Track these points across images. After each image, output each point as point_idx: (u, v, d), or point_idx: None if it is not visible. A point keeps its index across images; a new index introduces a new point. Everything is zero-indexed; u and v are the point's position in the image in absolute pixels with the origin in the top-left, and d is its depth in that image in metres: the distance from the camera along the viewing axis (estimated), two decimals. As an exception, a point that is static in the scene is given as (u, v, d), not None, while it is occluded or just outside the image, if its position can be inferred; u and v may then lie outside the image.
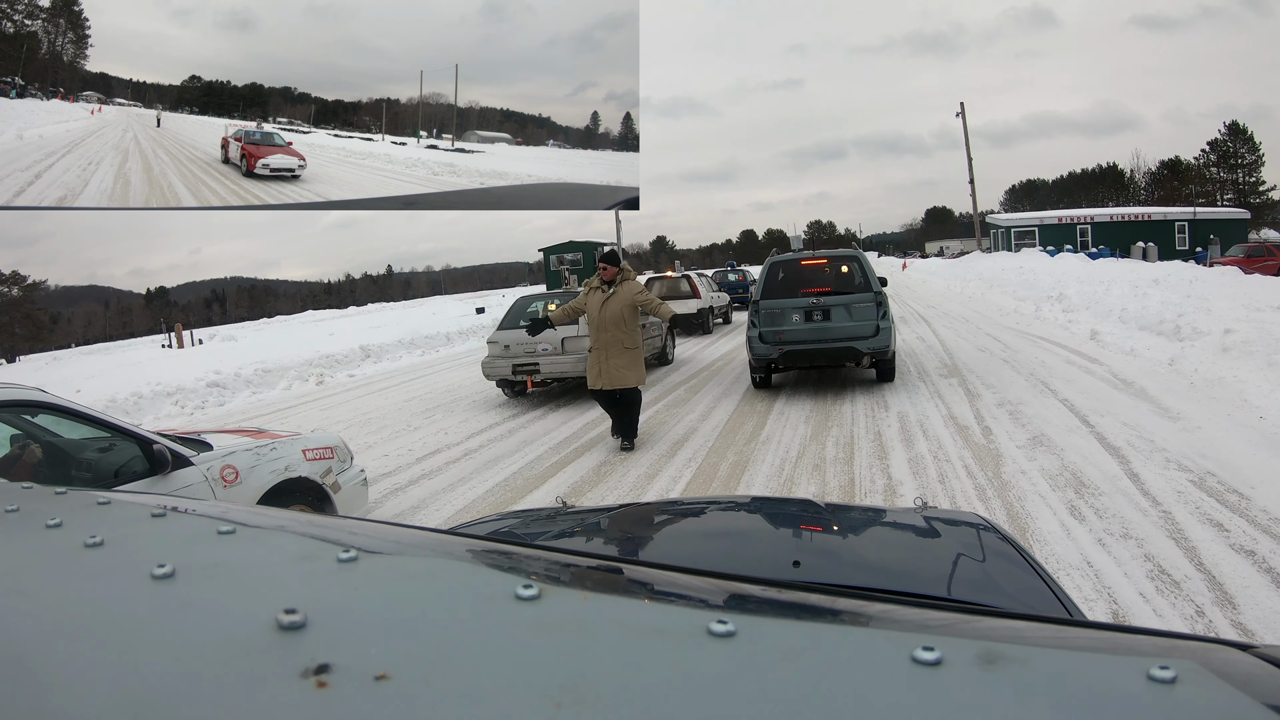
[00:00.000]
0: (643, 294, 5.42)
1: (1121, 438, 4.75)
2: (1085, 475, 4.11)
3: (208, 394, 10.13)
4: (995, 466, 4.43)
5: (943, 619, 0.53)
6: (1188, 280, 11.11)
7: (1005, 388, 6.68)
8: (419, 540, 0.66)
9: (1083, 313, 10.98)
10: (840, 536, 1.44)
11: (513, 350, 7.81)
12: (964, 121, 34.84)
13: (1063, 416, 5.44)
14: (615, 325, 5.33)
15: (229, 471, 3.12)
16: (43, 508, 0.59)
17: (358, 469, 3.91)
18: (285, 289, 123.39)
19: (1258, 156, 56.85)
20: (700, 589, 0.57)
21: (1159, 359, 7.14)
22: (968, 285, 20.68)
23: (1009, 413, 5.72)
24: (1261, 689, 0.38)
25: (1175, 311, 8.48)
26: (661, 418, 6.78)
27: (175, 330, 21.49)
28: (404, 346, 14.84)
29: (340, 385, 11.24)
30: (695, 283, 14.72)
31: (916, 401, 6.47)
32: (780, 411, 6.56)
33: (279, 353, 13.07)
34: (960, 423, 5.57)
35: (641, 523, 1.54)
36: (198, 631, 0.36)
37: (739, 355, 10.12)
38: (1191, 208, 35.23)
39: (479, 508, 4.48)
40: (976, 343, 9.93)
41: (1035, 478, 4.16)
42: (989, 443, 4.96)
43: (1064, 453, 4.55)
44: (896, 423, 5.75)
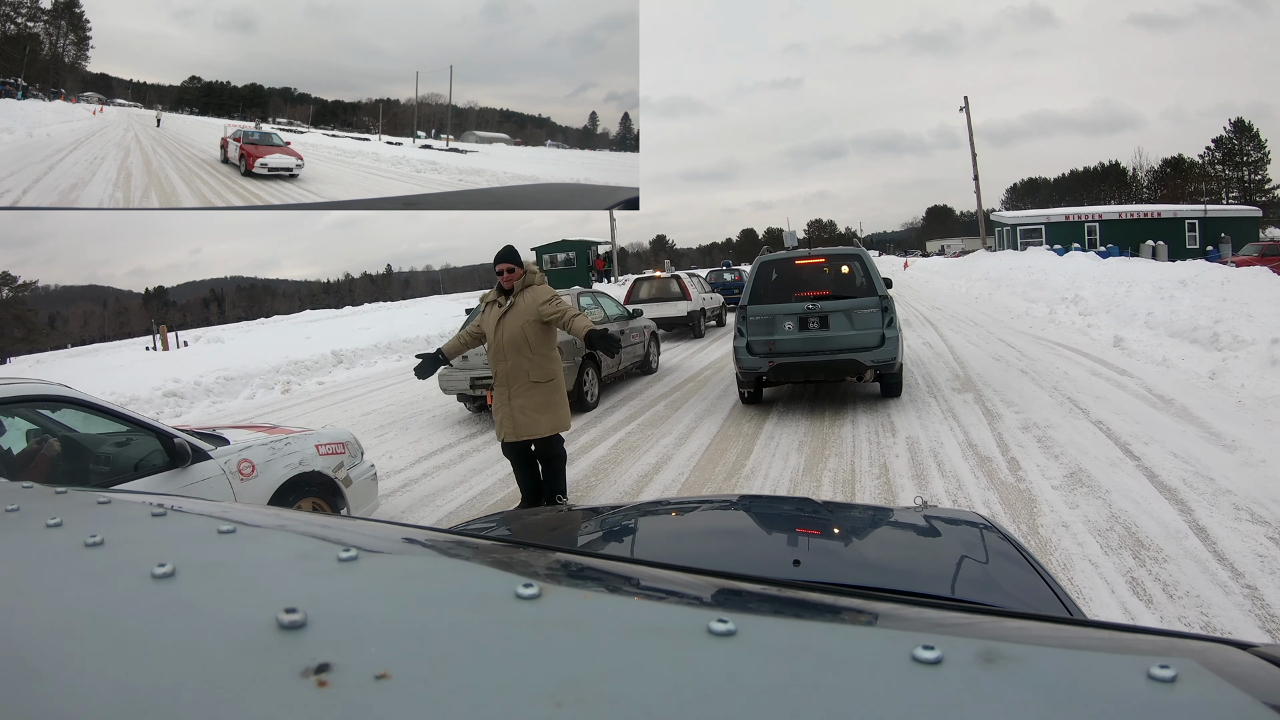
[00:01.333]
0: (550, 303, 3.85)
1: (1175, 474, 4.05)
2: (1142, 530, 3.41)
3: (164, 404, 9.53)
4: (1029, 516, 3.70)
5: (943, 618, 0.53)
6: (1219, 282, 10.34)
7: (1028, 406, 5.93)
8: (419, 540, 0.66)
9: (1102, 316, 10.27)
10: (841, 536, 1.44)
11: (470, 361, 6.97)
12: (968, 116, 34.35)
13: (1100, 445, 4.73)
14: (517, 350, 3.87)
15: (245, 465, 3.22)
16: (43, 507, 0.59)
17: (368, 464, 3.98)
18: (284, 288, 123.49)
19: (1263, 154, 56.75)
20: (700, 588, 0.57)
21: (1197, 371, 6.45)
22: (974, 285, 20.15)
23: (1036, 439, 5.00)
24: (1261, 688, 0.38)
25: (1210, 317, 7.73)
26: (632, 441, 5.96)
27: (160, 332, 20.61)
28: (379, 351, 14.09)
29: (307, 394, 10.69)
30: (685, 283, 14.17)
31: (928, 423, 5.69)
32: (770, 435, 5.79)
33: (253, 358, 12.53)
34: (981, 452, 4.83)
35: (641, 522, 1.54)
36: (198, 631, 0.36)
37: (730, 362, 9.11)
38: (1202, 205, 34.52)
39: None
40: (989, 350, 9.17)
41: (1080, 533, 3.44)
42: (1018, 481, 4.20)
43: (1110, 496, 3.84)
44: (905, 451, 5.01)
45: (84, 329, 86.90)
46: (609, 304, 8.84)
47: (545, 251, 29.78)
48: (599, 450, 5.72)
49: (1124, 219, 31.19)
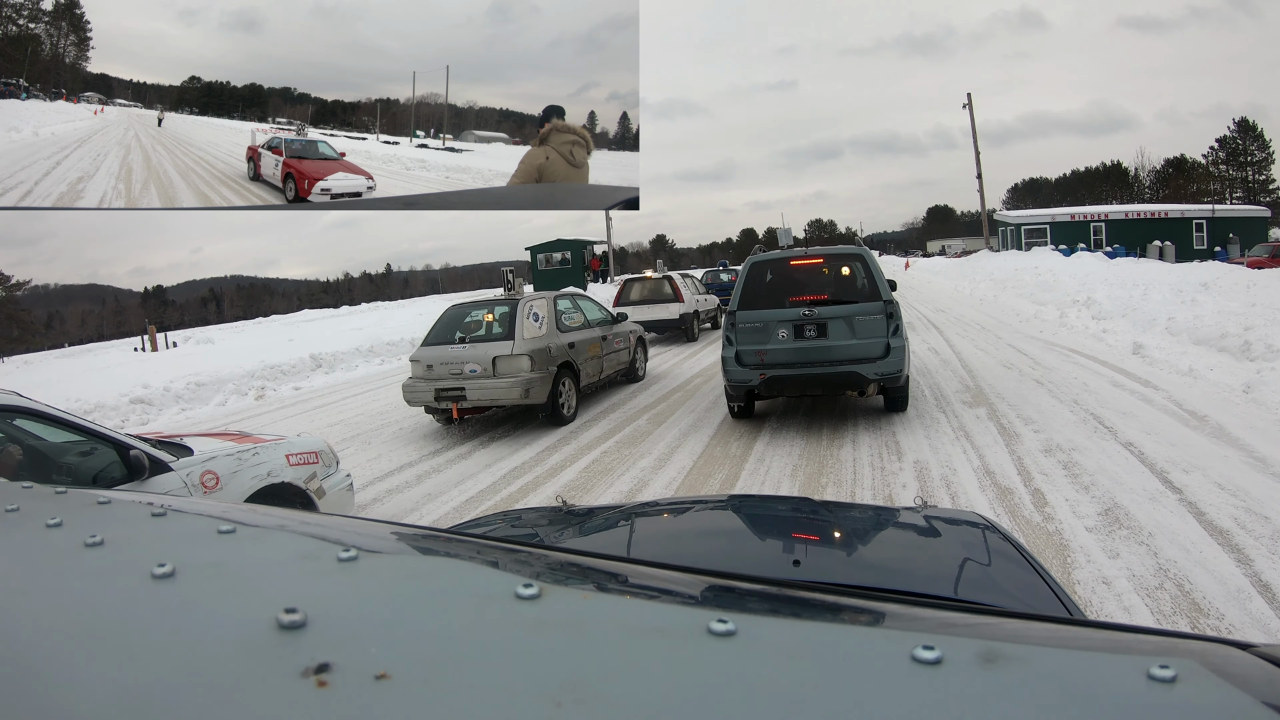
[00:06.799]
0: None
1: (1224, 512, 3.57)
2: (1196, 587, 2.91)
3: (130, 411, 9.04)
4: (1063, 569, 3.16)
5: (943, 618, 0.53)
6: (1244, 285, 9.86)
7: (1048, 423, 5.37)
8: (419, 540, 0.66)
9: (1118, 321, 9.80)
10: (841, 536, 1.44)
11: (436, 371, 6.63)
12: (971, 114, 34.02)
13: (1134, 473, 4.20)
14: None
15: (209, 477, 3.09)
16: (43, 507, 0.59)
17: (343, 474, 3.86)
18: (284, 288, 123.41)
19: (1268, 154, 56.67)
20: (700, 588, 0.57)
21: (1229, 384, 6.01)
22: (978, 286, 19.71)
23: (1061, 464, 4.46)
24: (1261, 688, 0.38)
25: (1239, 323, 7.25)
26: (607, 463, 5.43)
27: (149, 332, 19.86)
28: (361, 354, 13.56)
29: (281, 400, 10.23)
30: (678, 285, 13.66)
31: (937, 444, 5.13)
32: (760, 457, 5.25)
33: (230, 361, 12.04)
34: (1000, 481, 4.28)
35: (641, 522, 1.54)
36: (198, 631, 0.36)
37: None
38: (1209, 205, 34.14)
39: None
40: (1000, 356, 8.61)
41: (1124, 591, 2.92)
42: (1045, 520, 3.67)
43: (1154, 541, 3.33)
44: (913, 479, 4.46)
45: (81, 328, 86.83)
46: (590, 308, 8.32)
47: (540, 251, 29.58)
48: (568, 474, 5.25)
49: (1130, 219, 30.97)
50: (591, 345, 7.68)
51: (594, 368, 7.71)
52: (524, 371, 6.51)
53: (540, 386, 6.61)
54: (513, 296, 7.20)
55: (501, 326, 6.88)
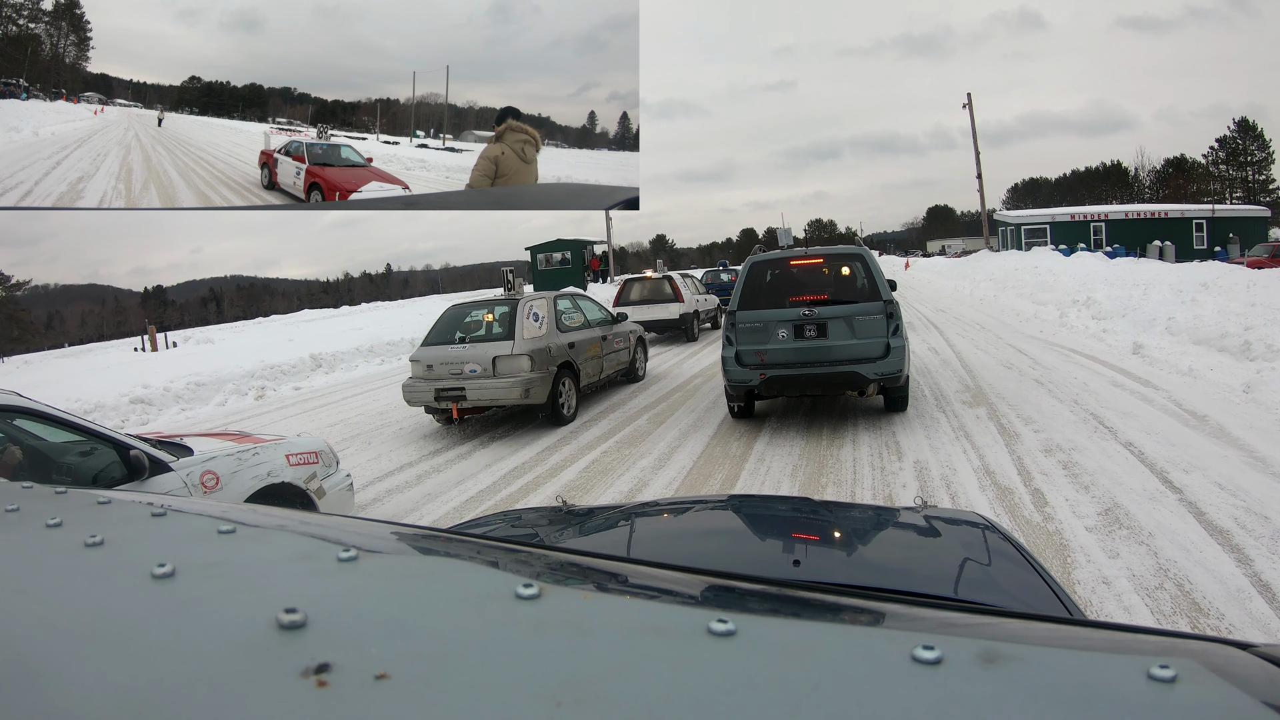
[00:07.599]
0: None
1: (1224, 512, 3.61)
2: (1196, 587, 2.94)
3: (130, 411, 9.04)
4: (1063, 569, 3.21)
5: (943, 618, 0.53)
6: (1244, 285, 9.83)
7: (1048, 423, 5.42)
8: (419, 540, 0.66)
9: (1118, 321, 9.83)
10: (841, 536, 1.44)
11: (436, 371, 6.64)
12: (971, 114, 33.96)
13: (1134, 473, 4.25)
14: None
15: (209, 477, 3.09)
16: (43, 507, 0.59)
17: (343, 474, 3.86)
18: (284, 287, 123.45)
19: (1268, 154, 56.66)
20: (700, 588, 0.57)
21: (1229, 384, 6.04)
22: (978, 286, 19.69)
23: (1061, 464, 4.51)
24: (1261, 688, 0.38)
25: (1239, 323, 7.25)
26: (607, 463, 5.45)
27: (149, 332, 19.83)
28: (361, 354, 13.53)
29: (281, 400, 10.23)
30: (678, 285, 13.67)
31: (937, 444, 5.18)
32: (760, 457, 5.28)
33: (230, 361, 12.00)
34: (1000, 481, 4.33)
35: (641, 522, 1.54)
36: (198, 631, 0.36)
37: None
38: (1209, 205, 34.10)
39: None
40: (1000, 356, 8.65)
41: (1124, 592, 2.96)
42: (1045, 520, 3.71)
43: (1154, 540, 3.37)
44: (913, 479, 4.52)
45: (81, 329, 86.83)
46: (590, 308, 8.32)
47: (540, 251, 29.59)
48: (568, 474, 5.29)
49: (1130, 219, 30.93)
50: (591, 345, 7.68)
51: (594, 368, 7.70)
52: (524, 371, 6.52)
53: (540, 386, 6.61)
54: (513, 296, 7.20)
55: (501, 326, 6.88)
